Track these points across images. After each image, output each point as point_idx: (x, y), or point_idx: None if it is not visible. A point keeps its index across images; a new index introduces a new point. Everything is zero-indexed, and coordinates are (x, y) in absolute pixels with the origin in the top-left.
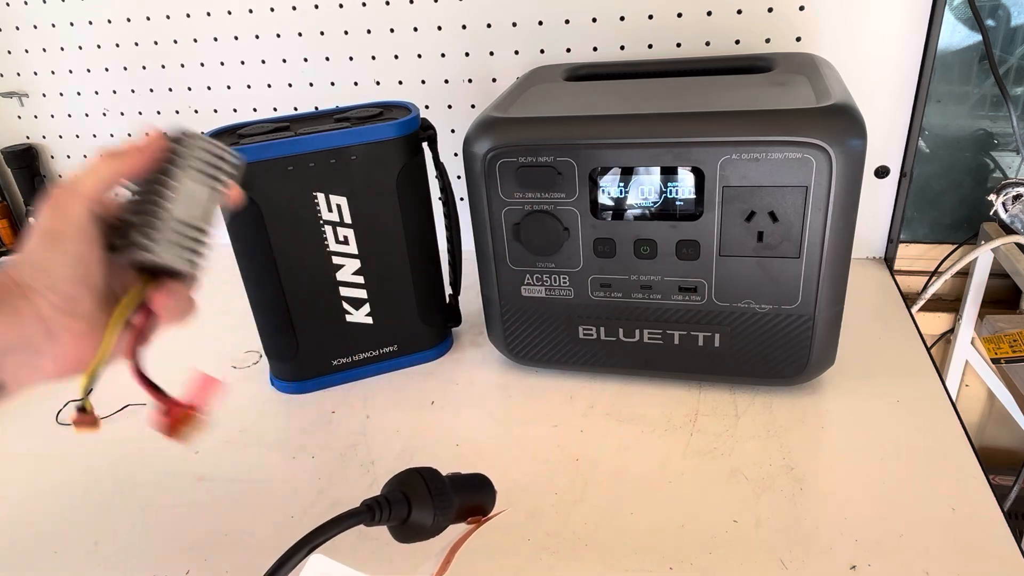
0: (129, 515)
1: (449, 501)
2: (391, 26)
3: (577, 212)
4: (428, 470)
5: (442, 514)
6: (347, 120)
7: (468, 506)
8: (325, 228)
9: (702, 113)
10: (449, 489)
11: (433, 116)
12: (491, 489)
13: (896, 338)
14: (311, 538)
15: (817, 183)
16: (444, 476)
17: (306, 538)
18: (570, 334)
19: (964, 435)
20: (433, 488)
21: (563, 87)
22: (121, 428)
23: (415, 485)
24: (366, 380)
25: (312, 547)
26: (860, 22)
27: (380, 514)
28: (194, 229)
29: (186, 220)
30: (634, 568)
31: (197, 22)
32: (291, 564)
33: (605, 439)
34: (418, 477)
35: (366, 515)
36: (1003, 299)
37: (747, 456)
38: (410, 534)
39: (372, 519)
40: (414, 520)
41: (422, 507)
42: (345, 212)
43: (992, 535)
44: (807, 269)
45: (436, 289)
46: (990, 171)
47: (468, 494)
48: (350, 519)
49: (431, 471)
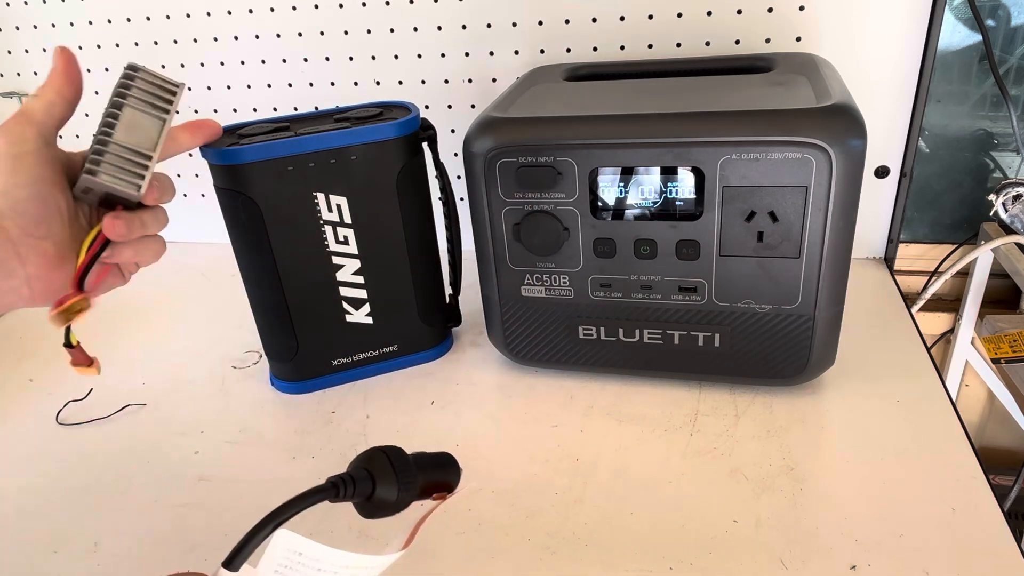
0: (129, 515)
1: (413, 478)
2: (391, 26)
3: (577, 212)
4: (392, 448)
5: (406, 490)
6: (347, 120)
7: (433, 483)
8: (325, 228)
9: (702, 113)
10: (413, 467)
11: (433, 116)
12: (456, 467)
13: (896, 338)
14: (277, 514)
15: (817, 183)
16: (409, 455)
17: (272, 515)
18: (570, 334)
19: (964, 435)
20: (397, 465)
21: (563, 87)
22: (121, 428)
23: (379, 463)
24: (366, 380)
25: (278, 523)
26: (860, 22)
27: (344, 490)
28: (137, 154)
29: (129, 145)
30: (634, 568)
31: (197, 22)
32: (257, 540)
33: (605, 439)
34: (382, 455)
35: (331, 491)
36: (1003, 299)
37: (747, 456)
38: (375, 510)
39: (337, 495)
40: (378, 496)
41: (386, 484)
42: (345, 212)
43: (992, 535)
44: (807, 269)
45: (436, 289)
46: (990, 171)
47: (433, 471)
48: (315, 495)
49: (395, 449)
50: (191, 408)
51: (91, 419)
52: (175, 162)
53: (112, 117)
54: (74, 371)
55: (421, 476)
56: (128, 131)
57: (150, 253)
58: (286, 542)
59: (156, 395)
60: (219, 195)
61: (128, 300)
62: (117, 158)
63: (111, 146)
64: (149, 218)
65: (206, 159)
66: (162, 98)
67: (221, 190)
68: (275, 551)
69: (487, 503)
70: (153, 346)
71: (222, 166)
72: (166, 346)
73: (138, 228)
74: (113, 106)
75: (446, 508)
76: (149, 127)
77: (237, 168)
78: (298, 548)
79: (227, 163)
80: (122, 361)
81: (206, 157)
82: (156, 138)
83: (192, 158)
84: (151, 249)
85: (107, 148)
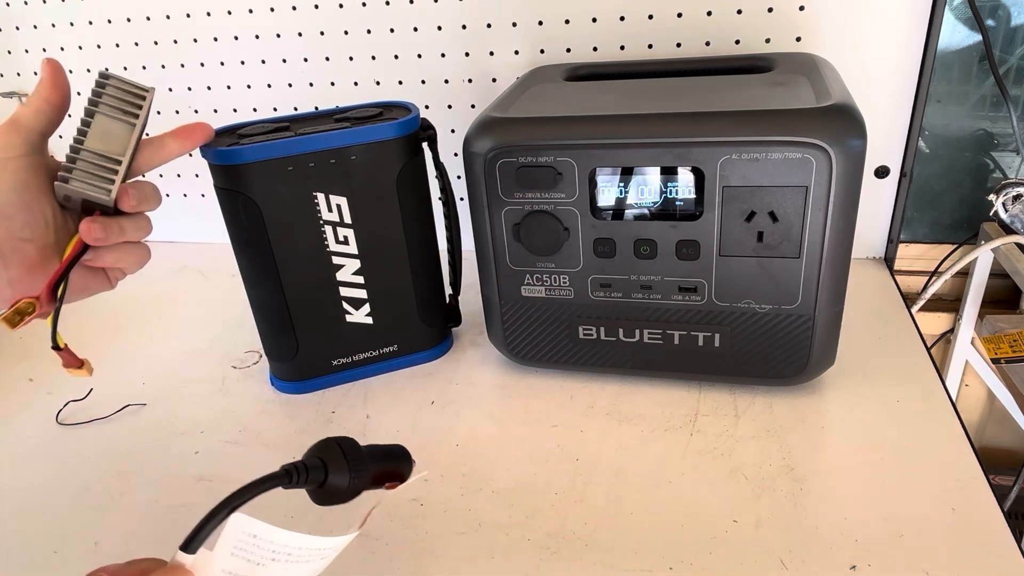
0: (129, 515)
1: (365, 466)
2: (391, 26)
3: (577, 212)
4: (345, 439)
5: (358, 477)
6: (347, 120)
7: (385, 472)
8: (325, 228)
9: (702, 113)
10: (365, 456)
11: (433, 116)
12: (408, 458)
13: (896, 338)
14: (231, 500)
15: (817, 183)
16: (362, 446)
17: (226, 500)
18: (570, 334)
19: (964, 435)
20: (349, 454)
21: (563, 87)
22: (121, 428)
23: (332, 452)
24: (366, 380)
25: (233, 508)
26: (860, 22)
27: (297, 477)
28: (108, 160)
29: (100, 152)
30: (634, 568)
31: (197, 22)
32: (212, 526)
33: (605, 439)
34: (335, 445)
35: (284, 478)
36: (1003, 299)
37: (747, 456)
38: (328, 497)
39: (290, 481)
40: (331, 483)
41: (338, 471)
42: (345, 212)
43: (992, 535)
44: (807, 269)
45: (436, 289)
46: (990, 171)
47: (385, 461)
48: (269, 482)
49: (348, 440)
50: (191, 408)
51: (91, 419)
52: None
53: (84, 125)
54: (66, 373)
55: (373, 465)
56: (99, 138)
57: (132, 260)
58: (241, 525)
59: (156, 395)
60: (219, 195)
61: (128, 300)
62: (88, 164)
63: (82, 153)
64: (129, 225)
65: (206, 159)
66: (132, 103)
67: (221, 190)
68: (230, 534)
69: (487, 503)
70: (153, 346)
71: (222, 166)
72: (166, 346)
73: (116, 233)
74: (86, 114)
75: (445, 508)
76: (120, 133)
77: (237, 168)
78: (253, 531)
79: (227, 163)
80: (122, 361)
81: (206, 157)
82: (127, 143)
83: (192, 158)
84: (133, 256)
85: (78, 156)
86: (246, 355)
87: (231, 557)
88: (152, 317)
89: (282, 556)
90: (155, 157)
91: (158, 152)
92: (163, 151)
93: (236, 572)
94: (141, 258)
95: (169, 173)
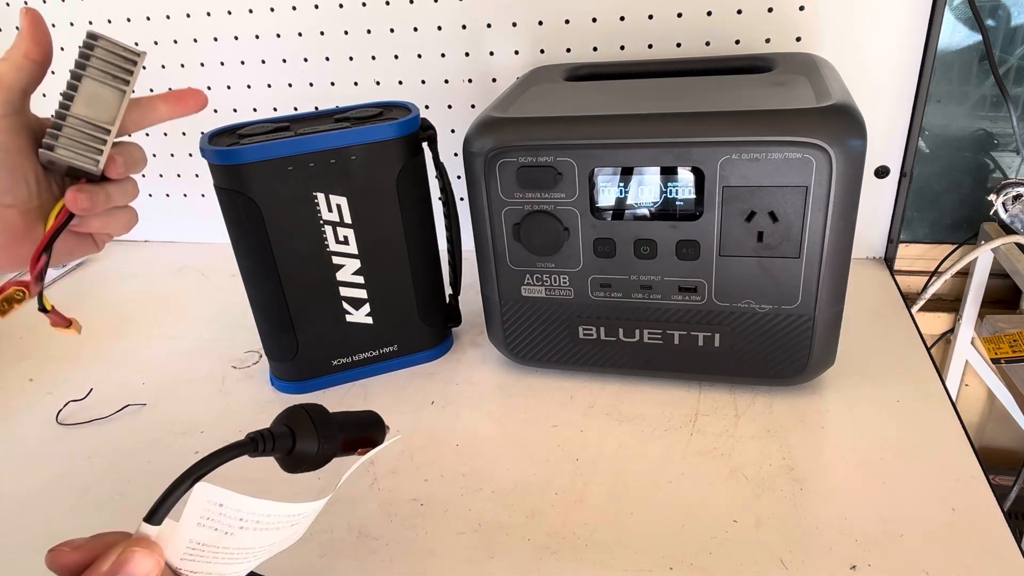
0: (129, 515)
1: (334, 433)
2: (391, 26)
3: (577, 212)
4: (314, 406)
5: (327, 443)
6: (347, 120)
7: (356, 439)
8: (325, 228)
9: (702, 113)
10: (333, 422)
11: (433, 116)
12: (381, 424)
13: (896, 338)
14: (196, 469)
15: (817, 183)
16: (332, 413)
17: (190, 470)
18: (570, 334)
19: (964, 435)
20: (317, 421)
21: (563, 87)
22: (121, 428)
23: (300, 418)
24: (366, 380)
25: (196, 477)
26: (860, 22)
27: (264, 445)
28: (96, 127)
29: (87, 119)
30: (634, 568)
31: (197, 22)
32: (177, 495)
33: (605, 439)
34: (303, 411)
35: (250, 446)
36: (1003, 299)
37: (747, 456)
38: (297, 464)
39: (255, 450)
40: (299, 450)
41: (306, 438)
42: (345, 212)
43: (992, 535)
44: (807, 269)
45: (436, 289)
46: (990, 171)
47: (355, 428)
48: (234, 450)
49: (317, 407)
50: (191, 408)
51: (91, 419)
52: (176, 162)
53: (71, 89)
54: (56, 332)
55: (342, 432)
56: (87, 104)
57: (119, 224)
58: (206, 495)
59: (156, 395)
60: (219, 195)
61: (128, 300)
62: (75, 132)
63: (69, 120)
64: (115, 191)
65: (206, 159)
66: (122, 68)
67: (221, 190)
68: (196, 504)
69: (487, 503)
70: (153, 346)
71: (222, 166)
72: (166, 346)
73: (103, 201)
74: (72, 77)
75: (445, 508)
76: (109, 99)
77: (237, 168)
78: (218, 500)
79: (227, 163)
80: (122, 361)
81: (206, 157)
82: (116, 110)
83: (192, 158)
84: (120, 220)
85: (64, 122)
86: (246, 355)
87: (197, 527)
88: (152, 317)
89: (250, 524)
90: (143, 119)
91: (146, 115)
92: (152, 114)
93: (203, 542)
94: (128, 222)
95: (169, 173)
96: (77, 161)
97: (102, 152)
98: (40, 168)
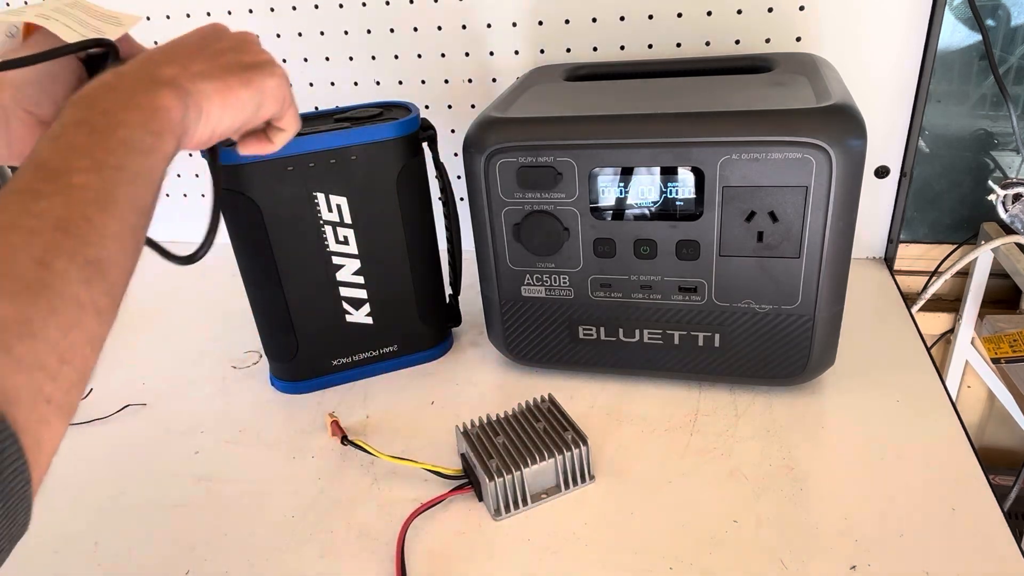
0: (129, 515)
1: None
2: (391, 26)
3: (577, 212)
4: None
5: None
6: (347, 120)
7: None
8: (325, 228)
9: (702, 113)
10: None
11: (433, 116)
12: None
13: (896, 338)
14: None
15: (817, 183)
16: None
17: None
18: (570, 334)
19: (964, 435)
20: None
21: (563, 87)
22: (121, 428)
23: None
24: (366, 380)
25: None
26: (860, 22)
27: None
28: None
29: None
30: (634, 568)
31: (197, 22)
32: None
33: (605, 439)
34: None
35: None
36: (1003, 299)
37: (747, 456)
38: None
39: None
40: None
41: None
42: (345, 212)
43: (992, 535)
44: (807, 269)
45: (436, 289)
46: (990, 171)
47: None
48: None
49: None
50: (191, 408)
51: (91, 419)
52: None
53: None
54: None
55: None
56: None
57: None
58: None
59: (156, 395)
60: None
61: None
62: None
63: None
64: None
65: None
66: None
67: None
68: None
69: None
70: (153, 346)
71: (222, 166)
72: (166, 346)
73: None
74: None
75: (446, 507)
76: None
77: (237, 168)
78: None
79: (227, 163)
80: (122, 361)
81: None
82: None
83: (192, 158)
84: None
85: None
86: (246, 355)
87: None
88: (152, 317)
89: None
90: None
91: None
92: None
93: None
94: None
95: (169, 173)
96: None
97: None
98: (65, 84)
